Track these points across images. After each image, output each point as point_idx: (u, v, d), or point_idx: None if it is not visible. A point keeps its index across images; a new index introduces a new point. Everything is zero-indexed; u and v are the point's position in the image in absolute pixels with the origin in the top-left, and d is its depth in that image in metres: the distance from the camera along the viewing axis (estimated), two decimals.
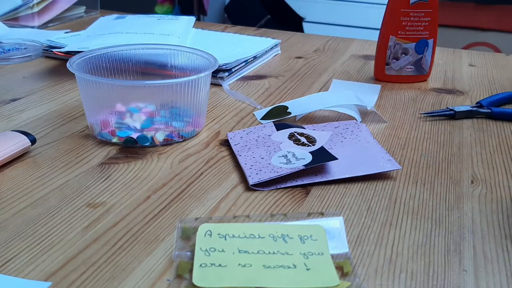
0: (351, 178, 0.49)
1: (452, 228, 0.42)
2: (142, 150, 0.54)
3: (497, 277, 0.37)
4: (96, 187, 0.47)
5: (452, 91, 0.74)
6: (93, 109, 0.56)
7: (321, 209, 0.44)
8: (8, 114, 0.62)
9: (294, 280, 0.34)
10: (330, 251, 0.37)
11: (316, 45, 0.97)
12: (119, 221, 0.42)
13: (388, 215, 0.44)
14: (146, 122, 0.55)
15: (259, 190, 0.47)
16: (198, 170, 0.50)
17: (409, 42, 0.74)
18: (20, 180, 0.48)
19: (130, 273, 0.36)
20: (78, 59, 0.57)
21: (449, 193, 0.48)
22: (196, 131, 0.58)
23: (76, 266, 0.36)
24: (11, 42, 0.89)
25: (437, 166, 0.52)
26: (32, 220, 0.42)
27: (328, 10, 2.94)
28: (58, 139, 0.56)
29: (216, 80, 0.73)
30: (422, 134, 0.60)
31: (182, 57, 0.63)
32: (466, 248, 0.40)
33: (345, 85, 0.75)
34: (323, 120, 0.62)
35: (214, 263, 0.35)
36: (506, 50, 1.97)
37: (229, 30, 1.05)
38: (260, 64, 0.84)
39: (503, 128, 0.62)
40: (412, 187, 0.48)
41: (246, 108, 0.66)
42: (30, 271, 0.36)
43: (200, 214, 0.43)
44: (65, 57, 0.82)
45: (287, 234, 0.38)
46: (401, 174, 0.50)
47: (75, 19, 1.10)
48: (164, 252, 0.38)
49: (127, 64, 0.63)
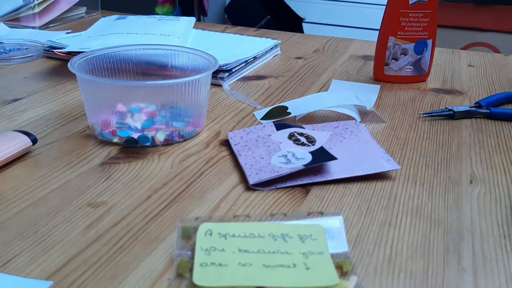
0: (350, 178, 0.49)
1: (451, 228, 0.42)
2: (143, 150, 0.54)
3: (496, 277, 0.37)
4: (97, 187, 0.47)
5: (451, 91, 0.74)
6: (94, 109, 0.56)
7: (320, 208, 0.44)
8: (10, 114, 0.62)
9: (294, 279, 0.35)
10: (329, 251, 0.37)
11: (316, 45, 0.97)
12: (120, 220, 0.42)
13: (387, 214, 0.44)
14: (146, 122, 0.56)
15: (259, 189, 0.47)
16: (198, 170, 0.51)
17: (408, 43, 0.74)
18: (21, 180, 0.48)
19: (131, 272, 0.36)
20: (79, 60, 0.57)
21: (448, 192, 0.48)
22: (197, 131, 0.58)
23: (77, 266, 0.37)
24: (12, 42, 0.89)
25: (436, 166, 0.53)
26: (33, 220, 0.42)
27: (328, 10, 2.94)
28: (59, 139, 0.56)
29: (217, 81, 0.73)
30: (421, 134, 0.60)
31: (183, 57, 0.63)
32: (465, 247, 0.40)
33: (345, 85, 0.75)
34: (322, 120, 0.62)
35: (214, 262, 0.36)
36: (504, 51, 1.97)
37: (229, 30, 1.05)
38: (260, 65, 0.85)
39: (502, 128, 0.62)
40: (411, 187, 0.48)
41: (246, 108, 0.66)
42: (31, 270, 0.36)
43: (200, 214, 0.43)
44: (66, 57, 0.82)
45: (287, 233, 0.39)
46: (400, 173, 0.51)
47: (76, 20, 1.11)
48: (165, 251, 0.38)
49: (128, 65, 0.63)
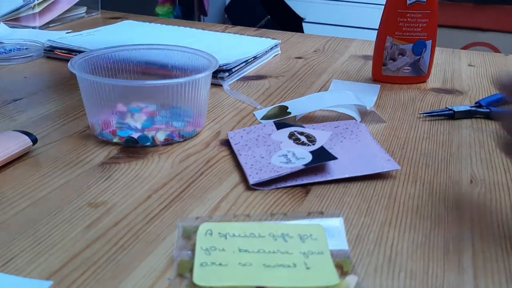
0: (350, 178, 0.49)
1: (451, 228, 0.42)
2: (143, 150, 0.54)
3: (496, 277, 0.37)
4: (97, 186, 0.47)
5: (451, 91, 0.74)
6: (94, 109, 0.56)
7: (321, 208, 0.44)
8: (10, 114, 0.62)
9: (294, 279, 0.35)
10: (330, 250, 0.37)
11: (316, 45, 0.97)
12: (120, 220, 0.42)
13: (388, 214, 0.44)
14: (147, 122, 0.56)
15: (259, 189, 0.47)
16: (198, 170, 0.51)
17: (406, 43, 0.74)
18: (21, 180, 0.48)
19: (131, 272, 0.36)
20: (79, 60, 0.57)
21: (448, 192, 0.48)
22: (197, 131, 0.58)
23: (77, 265, 0.37)
24: (12, 42, 0.89)
25: (436, 166, 0.53)
26: (34, 220, 0.42)
27: (328, 10, 2.94)
28: (59, 139, 0.56)
29: (217, 80, 0.73)
30: (421, 134, 0.60)
31: (183, 57, 0.63)
32: (465, 247, 0.40)
33: (345, 85, 0.75)
34: (322, 120, 0.62)
35: (214, 262, 0.36)
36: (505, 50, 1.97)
37: (229, 30, 1.05)
38: (260, 64, 0.85)
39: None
40: (411, 187, 0.48)
41: (246, 108, 0.66)
42: (32, 270, 0.36)
43: (200, 214, 0.43)
44: (66, 57, 0.82)
45: (287, 233, 0.39)
46: (401, 173, 0.51)
47: (76, 20, 1.10)
48: (165, 251, 0.38)
49: (128, 65, 0.63)
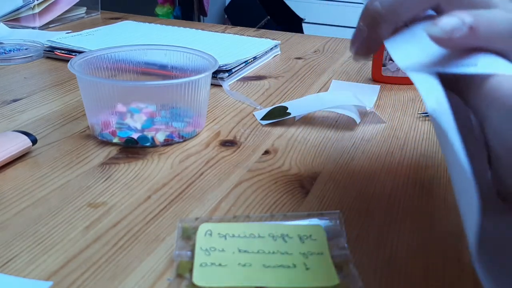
0: (350, 178, 0.49)
1: (451, 228, 0.42)
2: (143, 150, 0.54)
3: None
4: (97, 187, 0.47)
5: None
6: (94, 109, 0.56)
7: (320, 209, 0.44)
8: (9, 114, 0.62)
9: (293, 280, 0.35)
10: (329, 251, 0.37)
11: (316, 46, 0.97)
12: (119, 221, 0.42)
13: (387, 215, 0.44)
14: (146, 122, 0.56)
15: (259, 189, 0.47)
16: (198, 170, 0.51)
17: None
18: (21, 180, 0.48)
19: (131, 272, 0.36)
20: (79, 60, 0.57)
21: (448, 193, 0.48)
22: (197, 131, 0.58)
23: (77, 266, 0.37)
24: (12, 42, 0.89)
25: (436, 166, 0.52)
26: (33, 220, 0.42)
27: (328, 11, 2.94)
28: (59, 139, 0.56)
29: (216, 81, 0.73)
30: (421, 134, 0.60)
31: (183, 57, 0.63)
32: (465, 248, 0.40)
33: (345, 86, 0.75)
34: (322, 120, 0.62)
35: (214, 262, 0.36)
36: None
37: (229, 31, 1.05)
38: (260, 65, 0.85)
39: None
40: (411, 188, 0.48)
41: (246, 108, 0.66)
42: (31, 270, 0.36)
43: (200, 214, 0.43)
44: (66, 57, 0.82)
45: (286, 234, 0.39)
46: (400, 174, 0.51)
47: (76, 20, 1.11)
48: (165, 251, 0.38)
49: (128, 65, 0.63)
